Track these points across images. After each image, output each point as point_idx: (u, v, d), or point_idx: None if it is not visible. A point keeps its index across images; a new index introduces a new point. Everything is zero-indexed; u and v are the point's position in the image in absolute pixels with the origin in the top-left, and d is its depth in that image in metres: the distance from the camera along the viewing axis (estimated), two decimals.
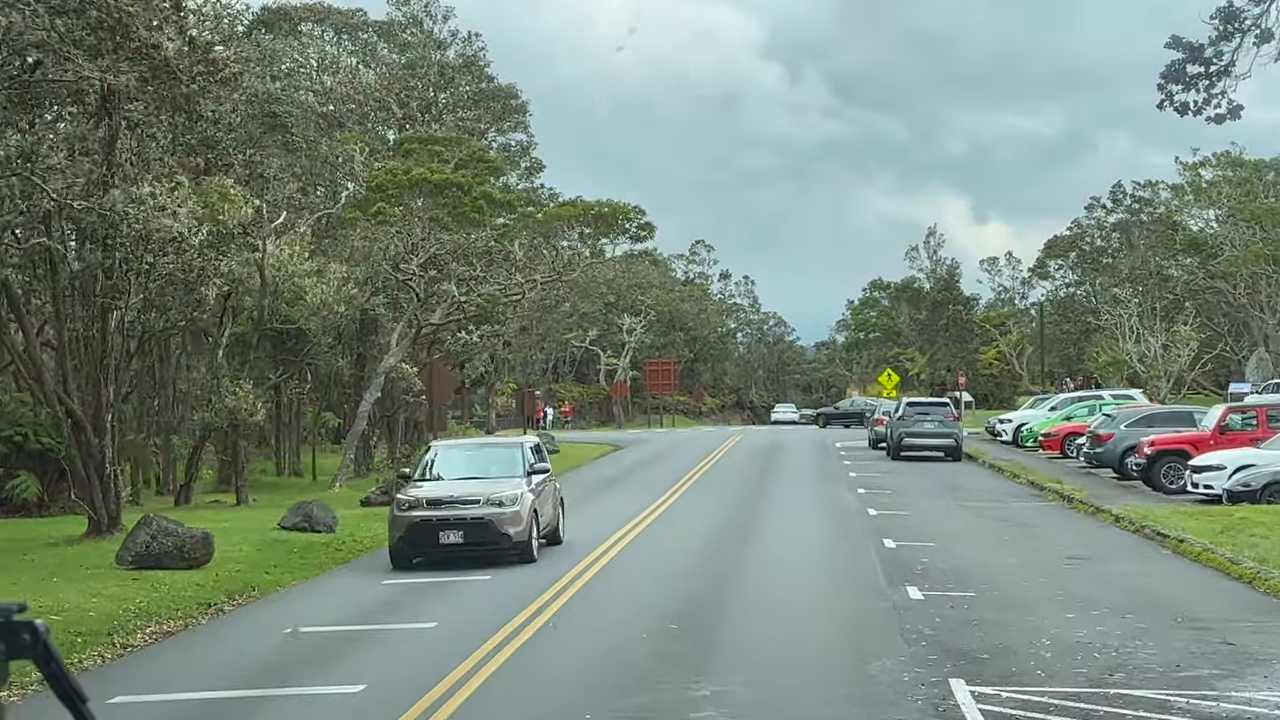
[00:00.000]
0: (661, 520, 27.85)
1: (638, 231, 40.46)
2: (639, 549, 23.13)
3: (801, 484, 37.12)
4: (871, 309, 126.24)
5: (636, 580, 19.94)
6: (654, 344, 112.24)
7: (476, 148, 40.98)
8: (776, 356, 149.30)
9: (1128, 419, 41.73)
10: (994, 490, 35.86)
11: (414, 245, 37.78)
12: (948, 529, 26.04)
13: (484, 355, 55.67)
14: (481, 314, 40.64)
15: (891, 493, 34.49)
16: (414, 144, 39.01)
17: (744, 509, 29.58)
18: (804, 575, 20.20)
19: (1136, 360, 80.00)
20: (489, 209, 37.07)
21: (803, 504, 30.89)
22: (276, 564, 21.54)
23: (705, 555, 22.65)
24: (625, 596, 18.46)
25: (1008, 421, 59.17)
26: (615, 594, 18.68)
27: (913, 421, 46.84)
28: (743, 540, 24.06)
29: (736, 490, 34.55)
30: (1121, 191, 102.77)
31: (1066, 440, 50.14)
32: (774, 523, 27.02)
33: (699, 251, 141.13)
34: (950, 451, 47.16)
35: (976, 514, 29.37)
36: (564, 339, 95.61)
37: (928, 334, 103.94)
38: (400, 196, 36.53)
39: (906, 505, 31.06)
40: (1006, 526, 26.82)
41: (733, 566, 20.69)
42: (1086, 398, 58.40)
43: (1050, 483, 36.43)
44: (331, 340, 43.68)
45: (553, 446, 59.38)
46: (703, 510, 29.53)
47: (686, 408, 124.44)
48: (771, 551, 22.85)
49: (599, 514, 29.22)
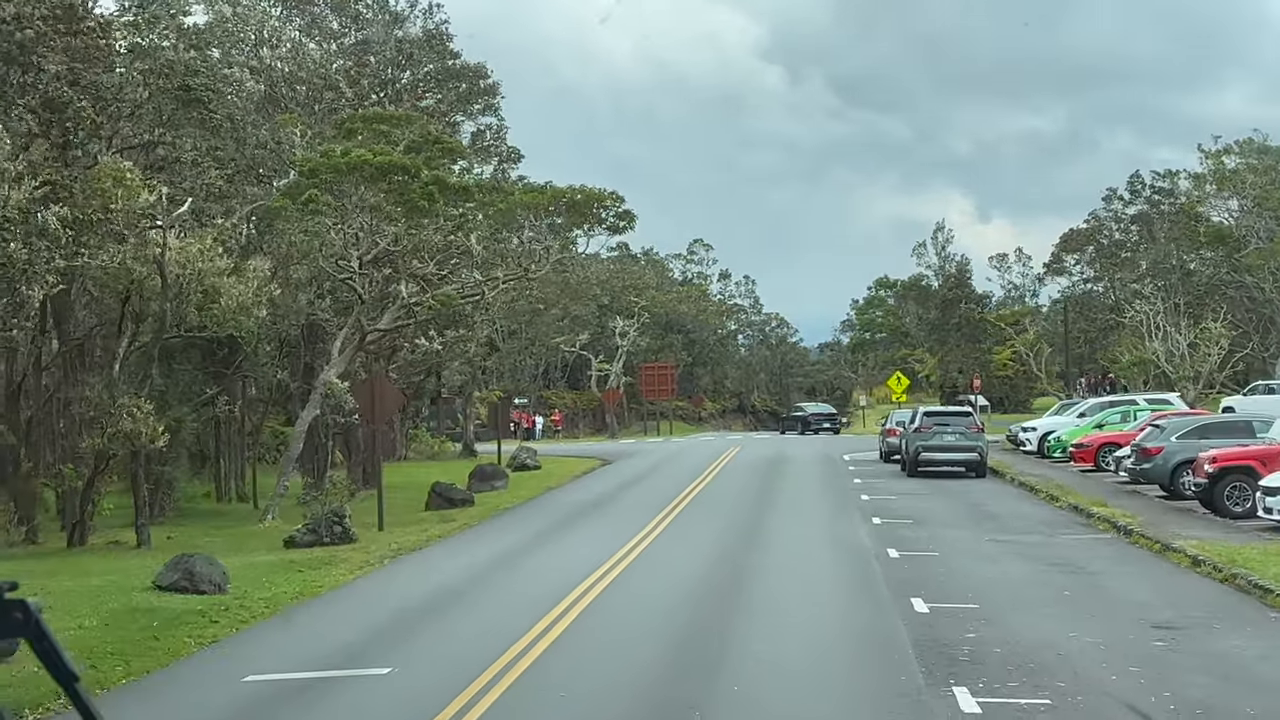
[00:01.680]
0: (631, 576, 22.62)
1: (615, 221, 35.23)
2: (595, 626, 17.92)
3: (806, 513, 31.91)
4: (877, 308, 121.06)
5: (586, 677, 14.76)
6: (650, 347, 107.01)
7: (432, 128, 35.74)
8: (779, 359, 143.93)
9: (1178, 429, 36.51)
10: (1032, 518, 30.66)
11: (354, 238, 32.63)
12: (990, 580, 20.85)
13: (456, 363, 50.51)
14: (436, 317, 35.44)
15: (913, 523, 29.30)
16: (358, 123, 33.87)
17: (736, 554, 24.34)
18: (811, 671, 14.95)
19: (1163, 360, 74.82)
20: (441, 196, 31.85)
21: (808, 544, 25.65)
22: (116, 649, 16.34)
23: (680, 634, 17.43)
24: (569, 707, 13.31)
25: (1032, 429, 53.97)
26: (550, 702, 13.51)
27: (931, 433, 41.68)
28: (730, 608, 18.78)
29: (729, 524, 29.33)
30: (1140, 182, 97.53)
31: (1102, 451, 45.00)
32: (771, 575, 21.77)
33: (697, 251, 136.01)
34: (974, 467, 42.00)
35: (1020, 554, 24.17)
36: (552, 343, 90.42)
37: (938, 334, 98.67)
38: (337, 182, 31.37)
39: (933, 541, 25.87)
40: (1061, 573, 21.61)
41: (715, 657, 15.42)
42: (1119, 403, 53.23)
43: (1096, 506, 31.27)
44: (272, 349, 38.50)
45: (533, 461, 54.29)
46: (685, 556, 24.29)
47: (686, 413, 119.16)
48: (766, 627, 17.59)
49: (557, 564, 24.04)
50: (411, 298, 33.12)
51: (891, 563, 22.75)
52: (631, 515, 31.55)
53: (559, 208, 34.99)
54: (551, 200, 34.89)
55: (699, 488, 39.91)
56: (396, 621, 18.24)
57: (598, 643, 16.57)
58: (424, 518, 34.26)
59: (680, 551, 24.68)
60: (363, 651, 16.08)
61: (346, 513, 28.04)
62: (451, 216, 33.28)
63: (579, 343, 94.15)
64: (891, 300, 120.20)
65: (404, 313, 33.89)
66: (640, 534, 27.30)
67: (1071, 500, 32.91)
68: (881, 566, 22.29)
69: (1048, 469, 45.10)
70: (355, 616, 19.00)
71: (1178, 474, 35.06)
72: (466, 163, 35.80)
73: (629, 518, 31.01)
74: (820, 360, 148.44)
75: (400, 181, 31.69)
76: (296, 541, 27.80)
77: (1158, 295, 77.26)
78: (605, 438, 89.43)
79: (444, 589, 21.33)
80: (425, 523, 32.82)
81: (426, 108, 43.97)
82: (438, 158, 34.14)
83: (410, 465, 56.78)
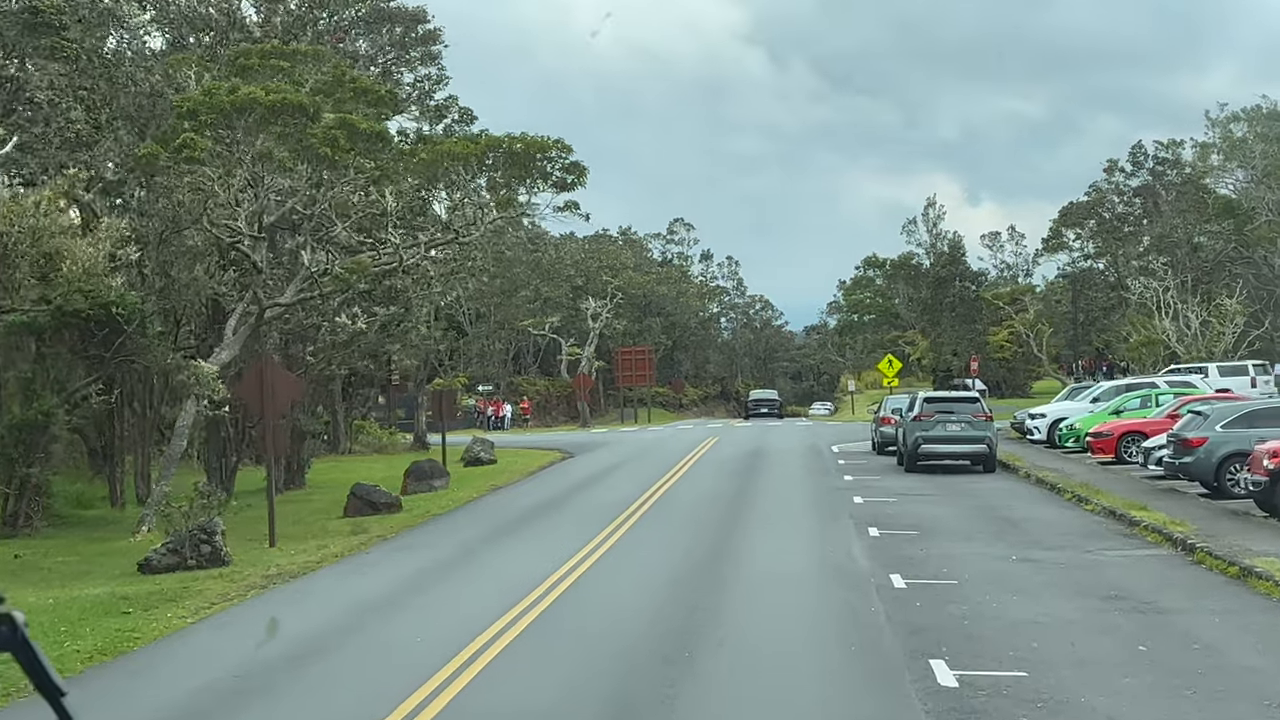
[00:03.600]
0: (548, 624, 17.13)
1: (563, 175, 29.74)
2: (479, 711, 12.46)
3: (787, 522, 26.41)
4: (866, 289, 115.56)
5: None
6: (627, 330, 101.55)
7: (346, 69, 30.15)
8: (764, 342, 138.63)
9: (1223, 417, 31.18)
10: (1062, 526, 25.25)
11: (249, 195, 27.08)
12: (1034, 626, 15.42)
13: (397, 346, 45.01)
14: (368, 292, 29.95)
15: (918, 534, 23.90)
16: (254, 59, 28.31)
17: (694, 587, 18.80)
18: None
19: (1174, 339, 69.54)
20: (349, 144, 26.33)
21: (789, 571, 20.12)
22: None
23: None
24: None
25: (1040, 416, 48.57)
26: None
27: (933, 422, 36.27)
28: (675, 682, 13.18)
29: (691, 542, 23.78)
30: (1142, 153, 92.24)
31: (1124, 441, 39.66)
32: (738, 625, 16.21)
33: (677, 230, 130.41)
34: (982, 460, 36.65)
35: (1061, 582, 18.77)
36: (519, 326, 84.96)
37: (930, 314, 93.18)
38: (221, 125, 25.84)
39: (947, 563, 20.47)
40: (1124, 614, 16.20)
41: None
42: (1137, 385, 47.89)
43: (1135, 510, 25.92)
44: (166, 329, 32.97)
45: (488, 455, 48.87)
46: (626, 591, 18.77)
47: (665, 400, 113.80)
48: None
49: (460, 602, 18.58)
50: (315, 266, 27.59)
51: (898, 598, 17.31)
52: (575, 527, 26.08)
53: (496, 160, 29.51)
54: (485, 150, 29.42)
55: (665, 487, 34.47)
56: (195, 713, 12.71)
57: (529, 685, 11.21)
58: (333, 527, 28.79)
59: (621, 585, 19.19)
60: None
61: (218, 528, 22.54)
62: (364, 170, 27.79)
63: (549, 325, 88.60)
64: (880, 280, 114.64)
65: (308, 285, 28.36)
66: (578, 555, 21.83)
67: (1104, 502, 27.54)
68: (885, 604, 16.83)
69: (1063, 461, 39.75)
70: (144, 698, 13.51)
71: (1224, 469, 29.95)
72: (390, 112, 30.25)
73: (571, 530, 25.55)
74: (806, 344, 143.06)
75: (298, 125, 26.15)
76: (152, 564, 22.32)
77: (1167, 270, 72.12)
78: (577, 426, 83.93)
79: (301, 641, 15.89)
80: (332, 535, 27.36)
81: (354, 54, 38.45)
82: (350, 100, 28.60)
83: (352, 460, 51.30)
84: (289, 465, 40.44)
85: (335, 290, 29.11)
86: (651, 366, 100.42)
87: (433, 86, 44.73)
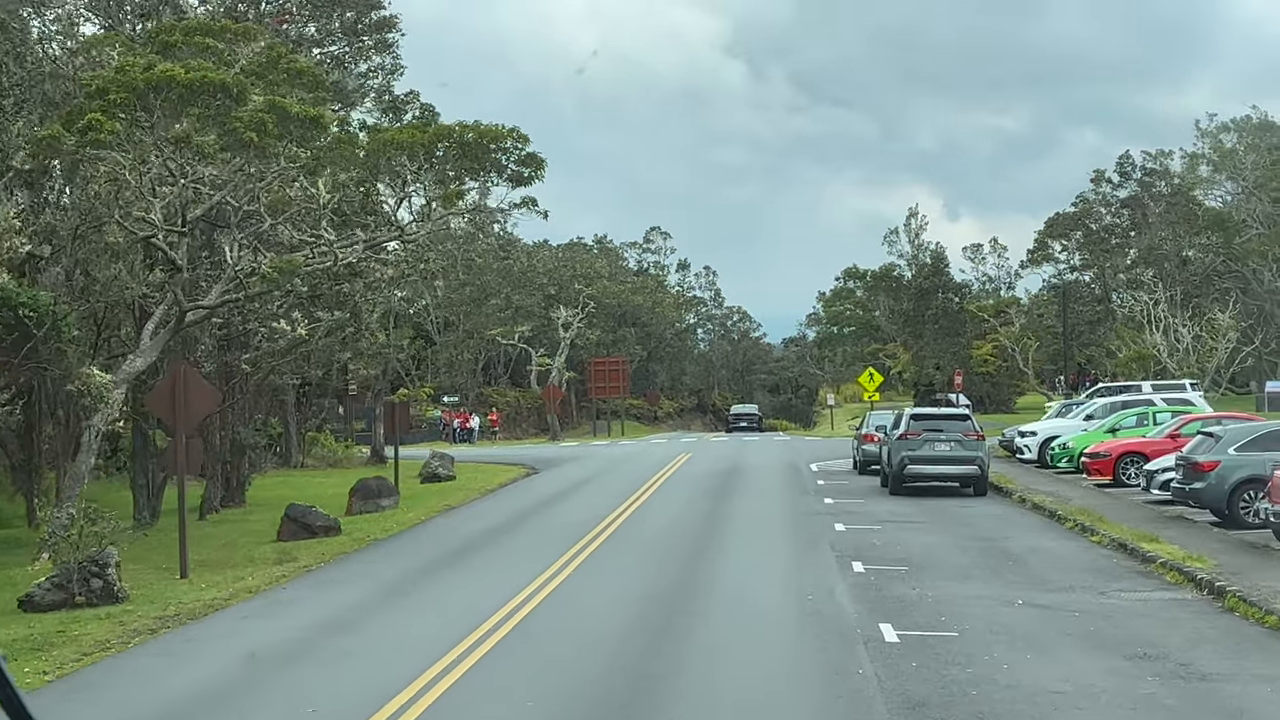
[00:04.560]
0: (470, 688, 14.40)
1: (518, 169, 27.03)
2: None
3: (760, 554, 23.64)
4: (846, 300, 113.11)
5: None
6: (601, 341, 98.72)
7: (282, 49, 27.36)
8: (741, 354, 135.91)
9: (1236, 440, 28.66)
10: (1068, 560, 22.60)
11: (167, 183, 24.29)
12: (1052, 694, 12.72)
13: (347, 354, 42.19)
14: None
15: (908, 570, 21.22)
16: (177, 36, 25.55)
17: (649, 643, 16.03)
18: None
19: (1165, 355, 67.20)
20: (278, 128, 23.57)
21: (763, 618, 17.36)
22: None
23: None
24: None
25: (1031, 434, 46.01)
26: None
27: (920, 441, 33.60)
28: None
29: (650, 579, 20.97)
30: (1130, 163, 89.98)
31: (1123, 463, 37.13)
32: (701, 691, 13.40)
33: (654, 239, 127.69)
34: (973, 482, 34.03)
35: (1078, 633, 16.11)
36: (488, 335, 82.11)
37: (912, 327, 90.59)
38: (132, 106, 23.07)
39: (943, 607, 17.79)
40: (1161, 679, 13.54)
41: None
42: (1134, 403, 45.36)
43: (1145, 542, 23.35)
44: (85, 333, 30.14)
45: (447, 470, 46.08)
46: (566, 651, 15.97)
47: (640, 412, 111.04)
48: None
49: (375, 652, 15.81)
50: (240, 265, 24.80)
51: (890, 657, 14.61)
52: (524, 558, 23.31)
53: (446, 152, 26.76)
54: (434, 140, 26.68)
55: (630, 510, 31.73)
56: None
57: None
58: (259, 555, 25.97)
59: (566, 638, 16.39)
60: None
61: (111, 559, 19.72)
62: (297, 159, 25.04)
63: (519, 335, 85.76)
64: (861, 292, 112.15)
65: (234, 286, 25.57)
66: (520, 595, 19.08)
67: (1111, 533, 24.92)
68: (875, 665, 14.13)
69: (1058, 483, 37.20)
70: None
71: (1237, 496, 27.49)
72: (328, 96, 27.41)
73: (519, 562, 22.79)
74: (784, 356, 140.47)
75: (221, 107, 23.38)
76: (35, 602, 19.50)
77: (1158, 284, 69.78)
78: (547, 439, 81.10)
79: (168, 707, 13.15)
80: (255, 564, 24.55)
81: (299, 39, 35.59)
82: (285, 84, 25.83)
83: (303, 475, 48.42)
84: (227, 481, 37.63)
85: (263, 291, 26.34)
86: (626, 378, 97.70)
87: (388, 77, 42.05)
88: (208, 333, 31.08)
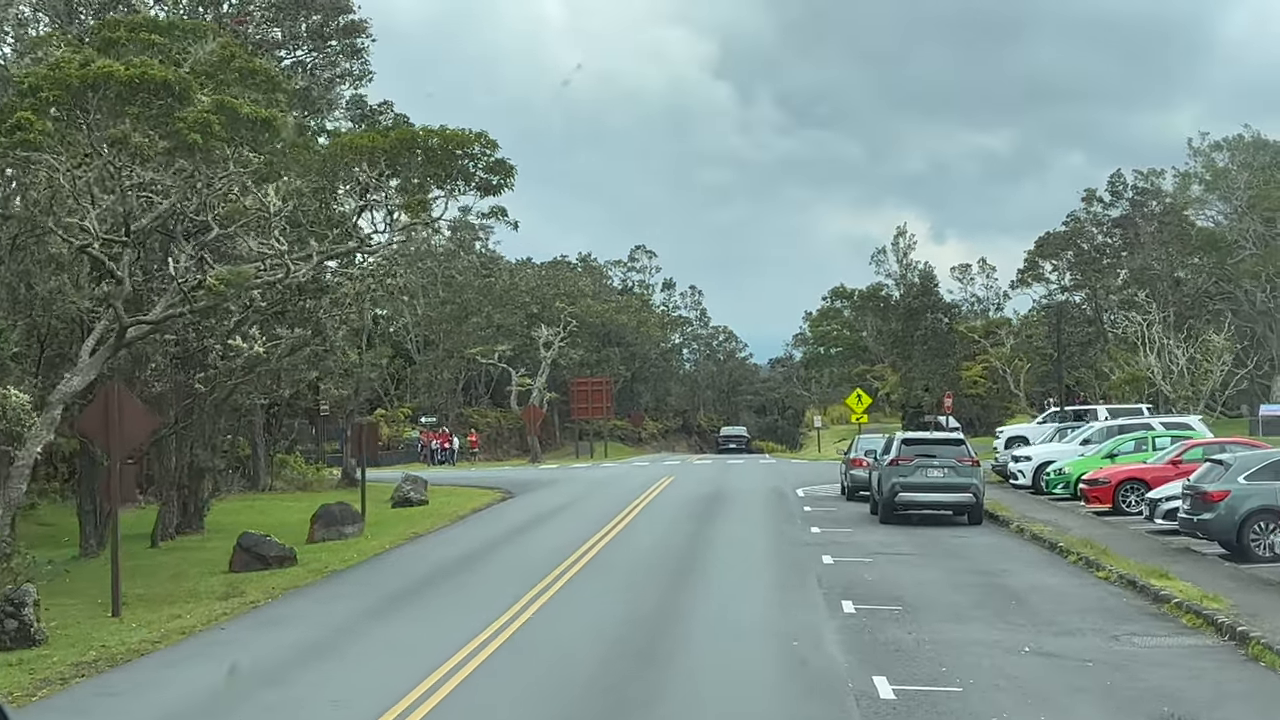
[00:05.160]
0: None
1: (486, 177, 25.38)
2: None
3: (745, 593, 21.78)
4: (833, 320, 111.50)
5: None
6: (584, 360, 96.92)
7: (235, 48, 25.68)
8: (727, 375, 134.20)
9: (1247, 468, 27.09)
10: (1075, 599, 20.89)
11: (101, 190, 22.58)
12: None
13: (314, 373, 40.40)
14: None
15: (902, 610, 19.51)
16: (121, 32, 23.87)
17: (619, 698, 14.29)
18: None
19: (1160, 377, 65.61)
20: (226, 130, 21.88)
21: (744, 671, 15.61)
22: None
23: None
24: None
25: (1025, 459, 44.33)
26: None
27: (912, 467, 31.92)
28: None
29: (627, 615, 19.24)
30: (1121, 182, 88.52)
31: (1123, 490, 35.52)
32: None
33: (639, 258, 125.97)
34: (968, 511, 32.37)
35: (1091, 688, 14.43)
36: (467, 354, 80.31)
37: (900, 347, 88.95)
38: (67, 104, 21.39)
39: (942, 655, 16.07)
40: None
41: None
42: (1131, 427, 43.72)
43: (1155, 579, 21.70)
44: (25, 349, 28.37)
45: (419, 495, 44.33)
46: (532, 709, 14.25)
47: (624, 434, 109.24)
48: None
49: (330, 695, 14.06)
50: (184, 277, 23.06)
51: (886, 717, 12.90)
52: (488, 593, 21.56)
53: (411, 159, 25.09)
54: (396, 145, 25.02)
55: (605, 539, 29.98)
56: None
57: None
58: (205, 588, 24.18)
59: (522, 695, 14.66)
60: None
61: (28, 598, 17.92)
62: (246, 163, 23.32)
63: (499, 354, 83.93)
64: (848, 312, 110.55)
65: (179, 300, 23.83)
66: (479, 637, 17.33)
67: (1118, 568, 23.23)
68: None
69: (1055, 511, 35.55)
70: None
71: (1248, 528, 25.97)
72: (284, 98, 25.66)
73: (482, 598, 21.04)
74: (771, 377, 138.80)
75: (163, 106, 21.68)
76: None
77: (1152, 304, 68.28)
78: (528, 461, 79.25)
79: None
80: (199, 599, 22.76)
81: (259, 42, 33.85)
82: (236, 84, 24.14)
83: (270, 499, 46.56)
84: (184, 507, 35.80)
85: (209, 306, 24.60)
86: (609, 398, 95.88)
87: (355, 84, 40.32)
88: (159, 350, 29.30)
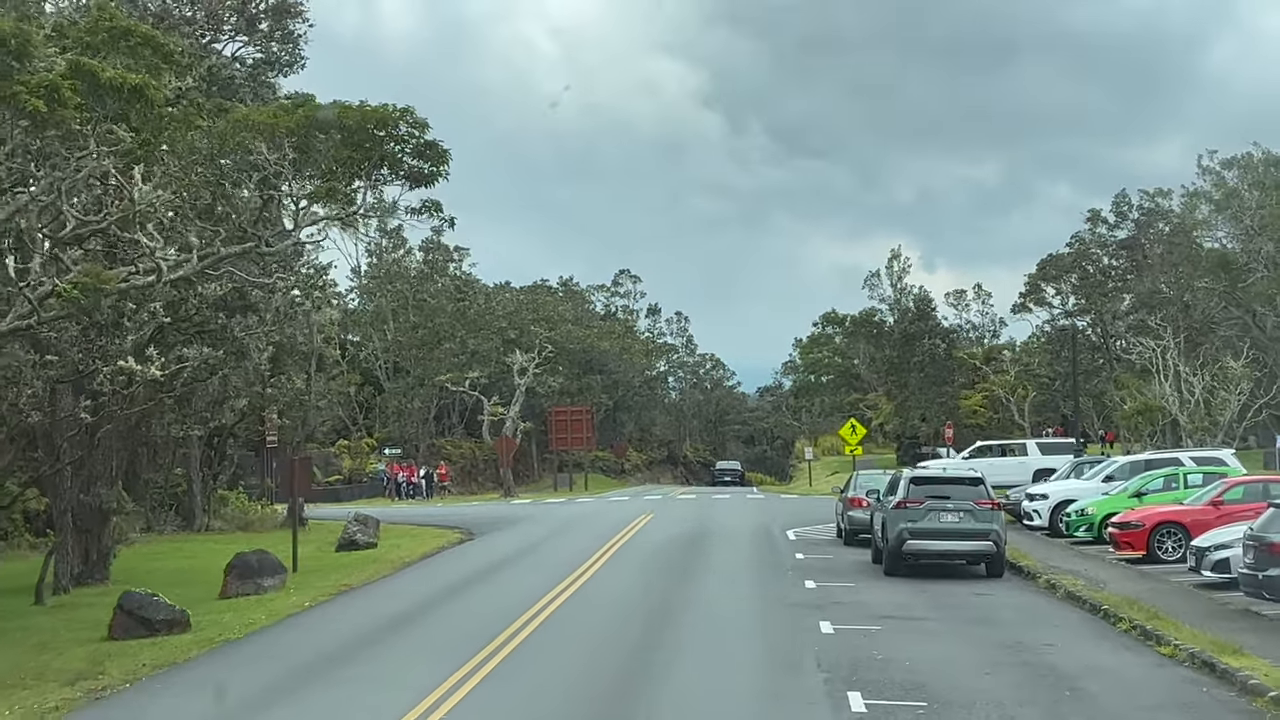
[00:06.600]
0: None
1: (416, 165, 21.06)
2: None
3: (719, 693, 17.19)
4: (824, 347, 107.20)
5: None
6: (564, 389, 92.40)
7: (111, 8, 21.28)
8: (714, 404, 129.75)
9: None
10: (1143, 689, 16.38)
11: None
12: None
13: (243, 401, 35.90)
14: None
15: (926, 709, 15.00)
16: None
17: None
18: None
19: (1176, 407, 61.33)
20: (82, 98, 17.51)
21: None
22: None
23: None
24: None
25: (1041, 497, 39.90)
26: None
27: (922, 511, 27.45)
28: None
29: (575, 712, 14.77)
30: (1126, 203, 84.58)
31: (1158, 534, 31.14)
32: None
33: (623, 283, 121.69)
34: (989, 560, 27.91)
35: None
36: (437, 381, 75.84)
37: (896, 375, 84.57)
38: None
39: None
40: None
41: None
42: (1159, 463, 39.33)
43: (1228, 658, 17.31)
44: None
45: (367, 536, 39.78)
46: None
47: (607, 465, 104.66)
48: None
49: None
50: (25, 281, 18.63)
51: None
52: (402, 677, 17.00)
53: (324, 141, 20.73)
54: (305, 123, 20.69)
55: (566, 594, 25.44)
56: None
57: None
58: (60, 665, 19.63)
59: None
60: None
61: None
62: (118, 141, 18.96)
63: (470, 381, 79.42)
64: (840, 339, 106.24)
65: (28, 310, 19.40)
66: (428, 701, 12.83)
67: (1183, 641, 18.76)
68: None
69: (1081, 559, 31.17)
70: None
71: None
72: (172, 67, 21.27)
73: (394, 682, 16.50)
74: (759, 406, 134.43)
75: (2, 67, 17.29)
76: None
77: (1165, 328, 64.12)
78: (500, 495, 74.63)
79: None
80: (43, 682, 18.23)
81: (163, 15, 29.44)
82: (104, 47, 19.77)
83: (202, 541, 41.90)
84: (86, 554, 31.22)
85: (60, 316, 20.17)
86: (591, 428, 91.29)
87: (284, 70, 35.81)
88: (37, 373, 24.78)
